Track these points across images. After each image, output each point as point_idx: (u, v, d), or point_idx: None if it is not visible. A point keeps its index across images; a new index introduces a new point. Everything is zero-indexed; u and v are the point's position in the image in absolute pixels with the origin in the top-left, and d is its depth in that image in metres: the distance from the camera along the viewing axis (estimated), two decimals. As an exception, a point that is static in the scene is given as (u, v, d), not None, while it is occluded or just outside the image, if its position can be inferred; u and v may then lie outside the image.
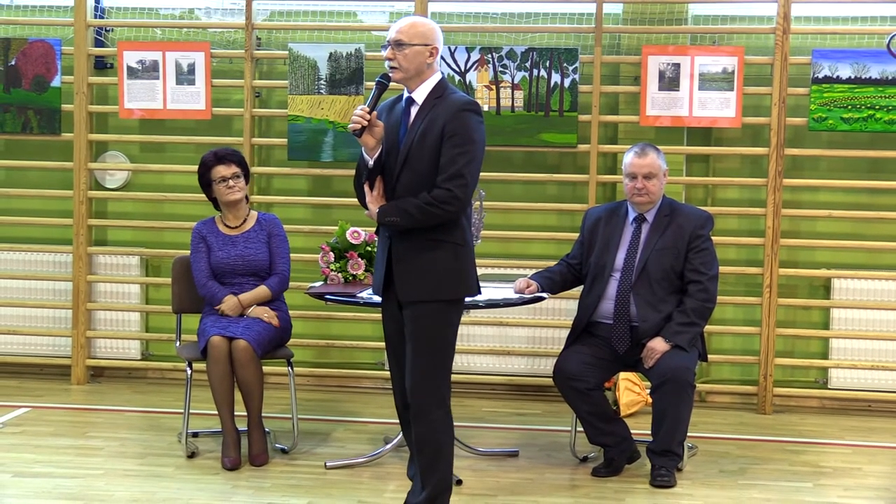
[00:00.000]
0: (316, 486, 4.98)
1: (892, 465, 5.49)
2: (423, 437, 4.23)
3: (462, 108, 4.12)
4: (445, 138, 4.09)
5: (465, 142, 4.09)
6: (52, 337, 7.04)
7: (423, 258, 4.16)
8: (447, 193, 4.07)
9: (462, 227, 4.20)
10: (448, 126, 4.09)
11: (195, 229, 5.57)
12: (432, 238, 4.15)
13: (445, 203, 4.08)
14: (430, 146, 4.11)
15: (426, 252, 4.16)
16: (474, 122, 4.14)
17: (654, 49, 6.44)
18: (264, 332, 5.32)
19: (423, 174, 4.12)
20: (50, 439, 5.66)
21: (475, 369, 6.72)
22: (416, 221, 4.11)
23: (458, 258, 4.19)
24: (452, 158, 4.08)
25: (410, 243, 4.17)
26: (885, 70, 6.24)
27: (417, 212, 4.09)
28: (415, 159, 4.14)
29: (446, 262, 4.17)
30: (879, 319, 6.46)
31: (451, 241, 4.17)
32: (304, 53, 6.63)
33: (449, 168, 4.08)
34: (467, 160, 4.09)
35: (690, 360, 5.08)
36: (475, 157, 4.13)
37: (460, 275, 4.21)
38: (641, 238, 5.24)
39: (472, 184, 4.13)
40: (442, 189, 4.08)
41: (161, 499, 4.77)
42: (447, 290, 4.18)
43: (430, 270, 4.16)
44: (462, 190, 4.08)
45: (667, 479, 5.04)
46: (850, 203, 6.53)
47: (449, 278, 4.18)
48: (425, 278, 4.16)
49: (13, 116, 6.89)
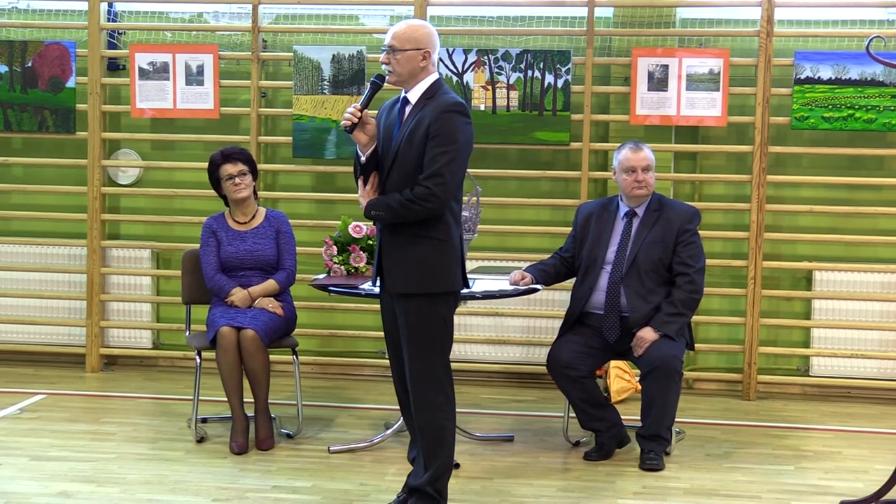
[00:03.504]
0: (320, 470, 4.99)
1: (871, 448, 5.50)
2: (424, 424, 4.22)
3: (447, 109, 4.10)
4: (430, 138, 4.08)
5: (446, 142, 4.08)
6: (67, 327, 7.05)
7: (406, 252, 4.16)
8: (426, 191, 4.06)
9: (446, 223, 4.16)
10: (433, 126, 4.08)
11: (206, 224, 5.58)
12: (416, 233, 4.15)
13: (424, 200, 4.07)
14: (416, 145, 4.11)
15: (409, 246, 4.16)
16: (459, 122, 4.11)
17: (643, 51, 6.45)
18: (271, 323, 5.33)
19: (410, 172, 4.11)
20: (65, 425, 5.68)
21: (472, 357, 6.73)
22: (398, 216, 4.12)
23: (441, 253, 4.16)
24: (434, 157, 4.07)
25: (397, 237, 4.18)
26: (865, 71, 6.26)
27: (399, 207, 4.10)
28: (403, 157, 4.14)
29: (428, 257, 4.15)
30: (858, 310, 6.48)
31: (434, 237, 4.15)
32: (308, 55, 6.64)
33: (430, 167, 4.07)
34: (448, 160, 4.07)
35: (678, 348, 5.09)
36: (456, 158, 4.10)
37: (443, 269, 4.17)
38: (632, 232, 5.25)
39: (451, 182, 4.09)
40: (422, 186, 4.07)
41: (172, 481, 4.79)
42: (430, 284, 4.16)
43: (413, 264, 4.15)
44: (441, 188, 4.06)
45: (655, 463, 5.06)
46: (830, 198, 6.54)
47: (431, 272, 4.15)
48: (410, 272, 4.16)
49: (30, 116, 6.89)
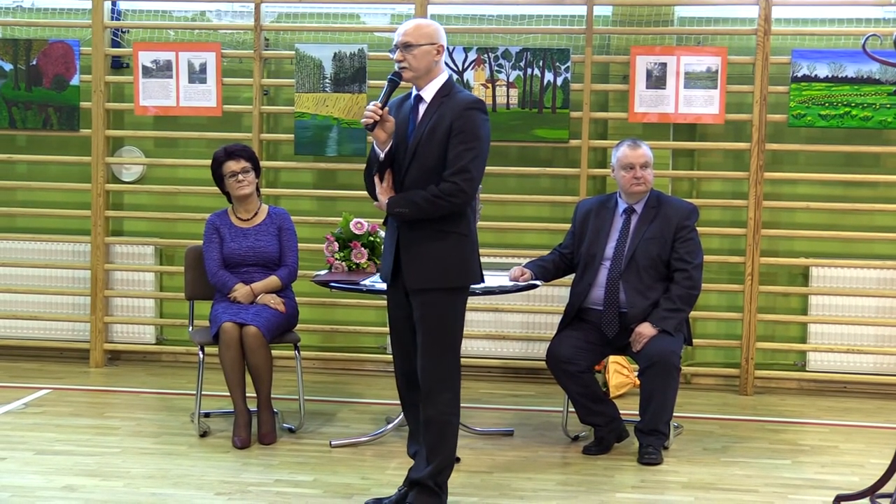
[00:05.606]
0: (321, 464, 4.98)
1: (867, 442, 5.48)
2: (431, 418, 4.21)
3: (469, 107, 4.12)
4: (453, 135, 4.09)
5: (471, 138, 4.09)
6: (71, 322, 7.03)
7: (429, 247, 4.15)
8: (454, 187, 4.07)
9: (467, 218, 4.19)
10: (455, 123, 4.09)
11: (209, 221, 5.55)
12: (439, 229, 4.14)
13: (452, 196, 4.07)
14: (437, 142, 4.10)
15: (432, 242, 4.15)
16: (480, 119, 4.14)
17: (641, 49, 6.43)
18: (273, 319, 5.30)
19: (431, 168, 4.11)
20: (70, 419, 5.66)
21: (472, 353, 6.70)
22: (424, 212, 4.10)
23: (463, 248, 4.18)
24: (459, 154, 4.08)
25: (417, 233, 4.16)
26: (861, 69, 6.23)
27: (425, 203, 4.08)
28: (423, 154, 4.13)
29: (451, 252, 4.16)
30: (855, 305, 6.46)
31: (457, 232, 4.16)
32: (309, 53, 6.61)
33: (456, 163, 4.07)
34: (473, 156, 4.09)
35: (676, 344, 5.07)
36: (480, 153, 4.13)
37: (464, 264, 4.19)
38: (630, 228, 5.23)
39: (477, 178, 4.13)
40: (449, 182, 4.07)
41: (175, 475, 4.77)
42: (452, 279, 4.17)
43: (436, 259, 4.14)
44: (468, 184, 4.08)
45: (654, 457, 5.04)
46: (827, 195, 6.51)
47: (454, 267, 4.16)
48: (431, 267, 4.15)
49: (34, 114, 6.87)
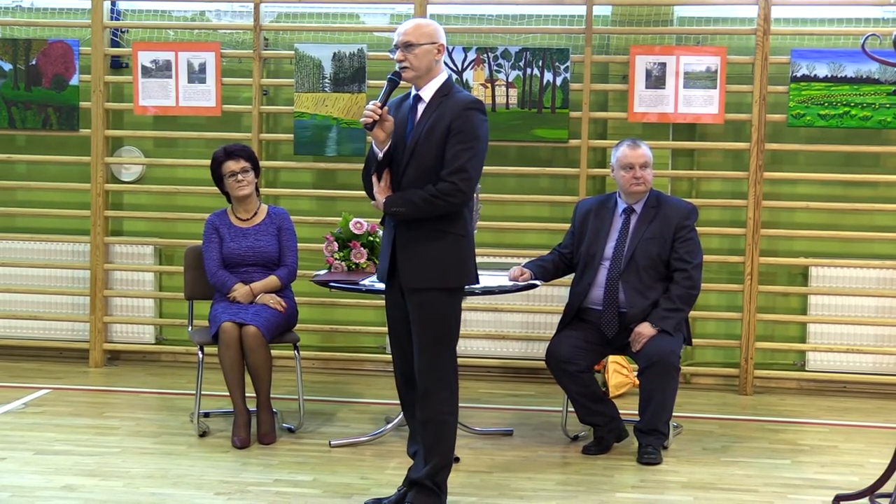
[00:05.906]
0: (321, 464, 4.96)
1: (866, 442, 5.47)
2: (428, 417, 4.20)
3: (468, 107, 4.11)
4: (451, 135, 4.07)
5: (469, 138, 4.08)
6: (71, 322, 7.01)
7: (426, 247, 4.13)
8: (451, 186, 4.05)
9: (464, 218, 4.17)
10: (454, 123, 4.07)
11: (209, 220, 5.53)
12: (435, 228, 4.12)
13: (449, 195, 4.06)
14: (436, 142, 4.09)
15: (429, 241, 4.13)
16: (479, 120, 4.12)
17: (641, 49, 6.41)
18: (272, 318, 5.29)
19: (429, 168, 4.09)
20: (69, 419, 5.64)
21: (472, 353, 6.69)
22: (421, 212, 4.09)
23: (460, 248, 4.17)
24: (457, 154, 4.06)
25: (414, 233, 4.14)
26: (860, 69, 6.21)
27: (423, 203, 4.07)
28: (421, 154, 4.11)
29: (448, 252, 4.14)
30: (854, 305, 6.44)
31: (454, 232, 4.15)
32: (309, 53, 6.59)
33: (454, 163, 4.06)
34: (471, 156, 4.08)
35: (676, 343, 5.06)
36: (478, 153, 4.12)
37: (461, 264, 4.17)
38: (630, 228, 5.21)
39: (474, 178, 4.11)
40: (447, 182, 4.06)
41: (174, 475, 4.76)
42: (448, 279, 4.15)
43: (432, 259, 4.13)
44: (466, 184, 4.07)
45: (653, 457, 5.03)
46: (826, 195, 6.50)
47: (450, 267, 4.15)
48: (428, 266, 4.13)
49: (34, 113, 6.85)
